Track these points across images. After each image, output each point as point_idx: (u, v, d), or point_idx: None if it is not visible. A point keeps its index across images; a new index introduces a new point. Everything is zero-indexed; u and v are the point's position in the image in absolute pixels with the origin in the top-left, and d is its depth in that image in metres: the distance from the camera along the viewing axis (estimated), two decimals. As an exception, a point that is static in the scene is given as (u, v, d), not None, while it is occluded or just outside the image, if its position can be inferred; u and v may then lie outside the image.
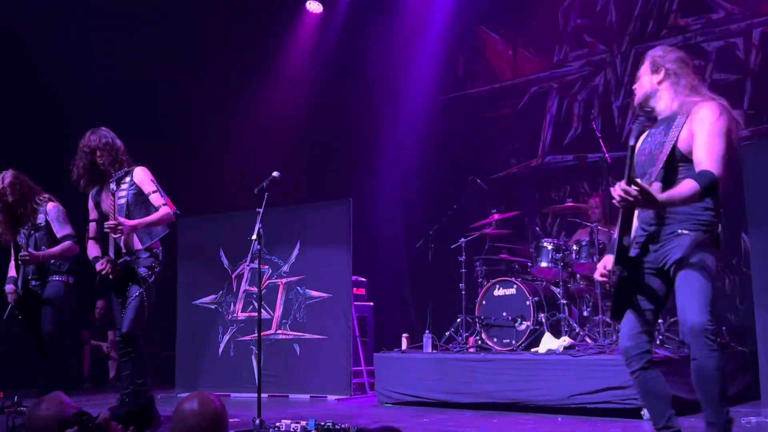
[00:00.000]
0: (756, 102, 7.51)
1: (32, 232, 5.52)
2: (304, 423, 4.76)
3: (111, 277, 4.96)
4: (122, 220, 4.90)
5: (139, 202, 5.08)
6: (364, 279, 8.28)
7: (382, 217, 9.88)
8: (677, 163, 3.26)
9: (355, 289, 7.70)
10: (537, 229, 7.70)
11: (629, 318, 3.36)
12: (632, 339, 3.34)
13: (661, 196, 3.12)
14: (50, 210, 5.54)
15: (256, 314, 6.09)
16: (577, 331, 6.27)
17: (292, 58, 10.02)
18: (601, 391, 5.38)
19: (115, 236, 4.89)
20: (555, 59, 8.87)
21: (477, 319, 6.65)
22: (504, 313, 6.51)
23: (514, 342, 6.39)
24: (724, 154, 3.19)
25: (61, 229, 5.51)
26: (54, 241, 5.53)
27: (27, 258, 5.36)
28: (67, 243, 5.49)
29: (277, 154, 9.65)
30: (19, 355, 8.54)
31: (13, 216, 5.55)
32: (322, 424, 4.60)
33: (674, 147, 3.25)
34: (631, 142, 3.21)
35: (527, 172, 8.93)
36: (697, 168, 3.18)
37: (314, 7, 9.84)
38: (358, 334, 7.63)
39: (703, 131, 3.22)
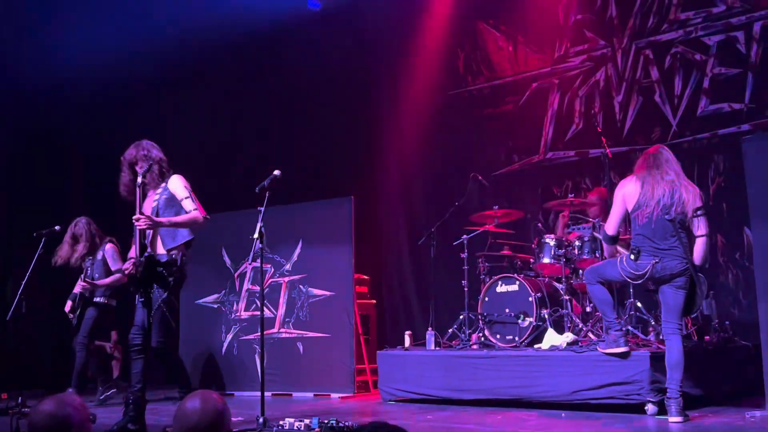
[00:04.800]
0: (757, 96, 7.47)
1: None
2: (307, 421, 4.78)
3: (137, 275, 5.05)
4: (148, 215, 5.02)
5: (169, 206, 5.20)
6: (366, 277, 8.27)
7: (384, 214, 9.87)
8: None
9: (357, 286, 7.69)
10: (539, 225, 7.69)
11: None
12: None
13: None
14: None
15: (258, 313, 6.06)
16: (580, 327, 6.26)
17: (293, 55, 10.00)
18: (604, 386, 5.40)
19: (139, 227, 4.98)
20: (555, 55, 8.84)
21: (480, 316, 6.64)
22: (507, 310, 6.50)
23: (517, 338, 6.38)
24: None
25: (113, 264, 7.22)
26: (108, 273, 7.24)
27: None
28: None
29: (278, 151, 9.65)
30: (24, 356, 8.55)
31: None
32: (326, 422, 4.62)
33: None
34: None
35: (529, 168, 8.90)
36: None
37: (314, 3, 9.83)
38: (361, 331, 7.64)
39: None
